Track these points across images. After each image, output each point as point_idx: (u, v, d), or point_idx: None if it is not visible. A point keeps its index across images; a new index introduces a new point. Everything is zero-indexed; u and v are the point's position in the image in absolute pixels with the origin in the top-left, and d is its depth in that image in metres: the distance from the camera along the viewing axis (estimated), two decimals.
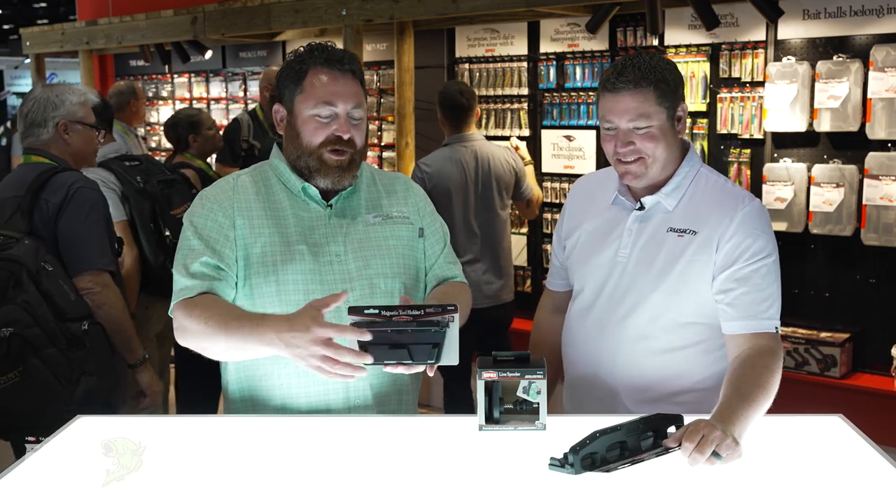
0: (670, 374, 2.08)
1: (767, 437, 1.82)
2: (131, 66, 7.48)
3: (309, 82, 2.00)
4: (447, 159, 4.00)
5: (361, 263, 2.04)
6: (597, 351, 2.13)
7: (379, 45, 5.66)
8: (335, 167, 2.01)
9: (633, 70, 2.00)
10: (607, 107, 2.03)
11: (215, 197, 2.06)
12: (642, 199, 2.10)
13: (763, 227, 2.04)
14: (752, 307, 2.00)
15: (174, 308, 1.97)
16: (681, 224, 2.06)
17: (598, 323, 2.13)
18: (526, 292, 5.00)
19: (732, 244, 2.01)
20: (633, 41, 4.48)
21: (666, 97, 2.01)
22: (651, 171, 2.05)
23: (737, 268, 2.00)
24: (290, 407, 2.02)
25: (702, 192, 2.09)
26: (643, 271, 2.07)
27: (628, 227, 2.11)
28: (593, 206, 2.21)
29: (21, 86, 18.47)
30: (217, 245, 2.00)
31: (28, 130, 2.86)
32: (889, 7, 3.71)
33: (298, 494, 1.61)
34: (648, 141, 2.01)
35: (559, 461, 1.65)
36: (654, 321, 2.06)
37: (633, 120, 2.00)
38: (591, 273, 2.16)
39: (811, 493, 1.61)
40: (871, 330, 3.93)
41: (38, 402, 2.46)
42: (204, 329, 1.87)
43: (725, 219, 2.02)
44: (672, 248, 2.05)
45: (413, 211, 2.16)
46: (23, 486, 1.65)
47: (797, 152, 4.00)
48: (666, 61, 2.07)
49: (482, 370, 1.85)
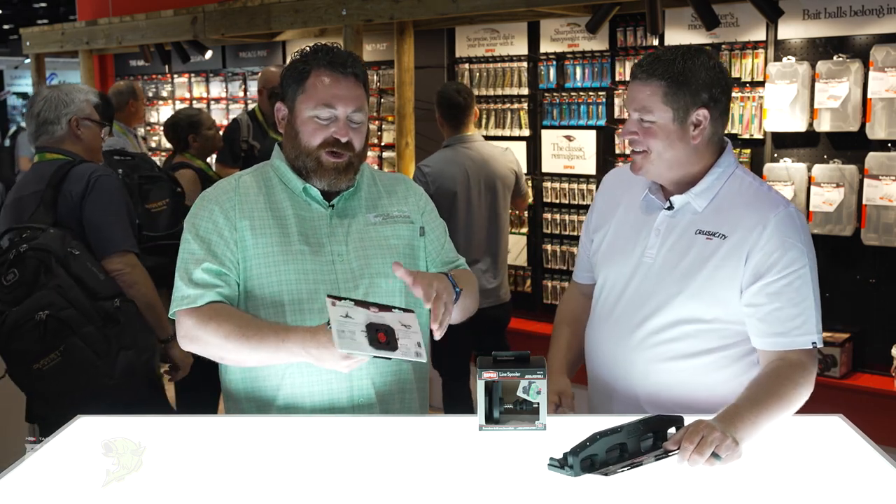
0: (692, 380, 2.01)
1: (767, 437, 1.82)
2: (131, 66, 7.48)
3: (311, 83, 2.01)
4: (448, 161, 4.00)
5: (363, 263, 2.04)
6: (618, 352, 2.08)
7: (379, 45, 5.66)
8: (332, 169, 2.01)
9: (653, 62, 1.96)
10: (627, 91, 2.02)
11: (216, 198, 2.07)
12: (671, 199, 2.04)
13: (797, 235, 1.94)
14: (784, 323, 1.92)
15: (179, 314, 2.01)
16: (710, 227, 1.99)
17: (619, 323, 2.08)
18: (526, 292, 5.00)
19: (763, 254, 1.92)
20: (634, 41, 4.48)
21: (677, 97, 1.94)
22: (654, 168, 2.00)
23: (768, 280, 1.92)
24: (294, 406, 2.03)
25: (735, 194, 2.00)
26: (668, 273, 2.01)
27: (656, 227, 2.05)
28: (623, 201, 2.16)
29: (21, 86, 18.46)
30: (217, 248, 2.01)
31: (41, 129, 2.96)
32: (889, 7, 3.71)
33: (298, 494, 1.61)
34: (649, 136, 1.97)
35: (558, 462, 1.65)
36: (676, 325, 2.00)
37: (638, 111, 1.98)
38: (616, 271, 2.11)
39: (811, 492, 1.61)
40: (871, 330, 3.93)
41: (80, 380, 2.57)
42: (223, 342, 1.94)
43: (758, 225, 1.93)
44: (700, 251, 1.98)
45: (414, 210, 2.17)
46: (23, 486, 1.65)
47: (797, 152, 4.00)
48: (705, 62, 1.96)
49: (482, 370, 1.85)
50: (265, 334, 1.92)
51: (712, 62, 1.97)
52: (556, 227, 4.87)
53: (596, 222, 2.22)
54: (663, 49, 2.00)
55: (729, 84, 2.02)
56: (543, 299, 4.96)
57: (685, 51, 1.97)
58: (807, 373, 1.92)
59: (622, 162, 4.56)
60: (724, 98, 1.99)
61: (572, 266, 4.79)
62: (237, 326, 1.94)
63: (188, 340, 2.01)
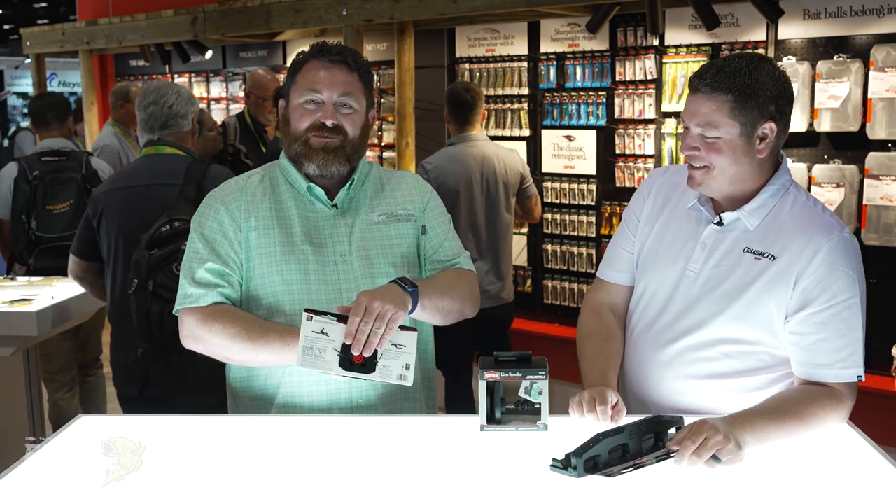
0: (727, 400, 1.92)
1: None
2: (131, 66, 7.47)
3: (302, 73, 2.05)
4: (452, 159, 4.01)
5: (365, 263, 2.04)
6: (653, 365, 2.02)
7: (379, 45, 5.66)
8: (320, 149, 2.02)
9: (717, 73, 1.86)
10: (686, 105, 1.93)
11: (222, 198, 2.08)
12: (722, 215, 1.95)
13: (850, 263, 1.87)
14: (830, 355, 1.85)
15: (182, 313, 2.03)
16: (759, 246, 1.91)
17: (657, 336, 2.02)
18: (526, 292, 5.00)
19: (813, 280, 1.85)
20: (634, 41, 4.48)
21: (745, 111, 1.84)
22: (716, 183, 1.91)
23: (816, 309, 1.85)
24: (294, 407, 2.03)
25: (787, 213, 1.92)
26: (711, 290, 1.93)
27: (702, 241, 1.97)
28: (671, 203, 2.07)
29: (21, 86, 18.49)
30: (221, 248, 2.02)
31: (171, 121, 3.00)
32: (889, 7, 3.71)
33: (298, 494, 1.61)
34: (713, 151, 1.87)
35: (561, 463, 1.65)
36: (716, 344, 1.93)
37: (702, 126, 1.87)
38: (657, 281, 2.03)
39: (811, 492, 1.61)
40: (871, 330, 3.88)
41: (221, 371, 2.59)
42: (229, 343, 1.96)
43: (809, 249, 1.85)
44: (747, 270, 1.90)
45: (418, 207, 2.16)
46: (23, 486, 1.65)
47: (797, 152, 4.00)
48: (770, 71, 1.87)
49: (484, 370, 1.85)
50: (270, 336, 1.94)
51: (777, 72, 1.88)
52: (557, 227, 4.87)
53: (644, 218, 2.11)
54: (724, 59, 1.90)
55: (792, 94, 1.92)
56: (543, 299, 4.96)
57: (749, 60, 1.87)
58: (839, 403, 1.85)
59: (622, 162, 4.57)
60: (788, 109, 1.90)
61: (572, 266, 4.82)
62: (242, 328, 1.95)
63: (192, 340, 2.02)
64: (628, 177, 4.56)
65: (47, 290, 3.49)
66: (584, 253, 4.77)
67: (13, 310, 3.22)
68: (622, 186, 4.59)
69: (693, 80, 1.90)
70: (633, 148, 4.51)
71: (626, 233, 2.16)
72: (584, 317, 2.18)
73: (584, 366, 2.06)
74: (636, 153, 4.51)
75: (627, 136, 4.53)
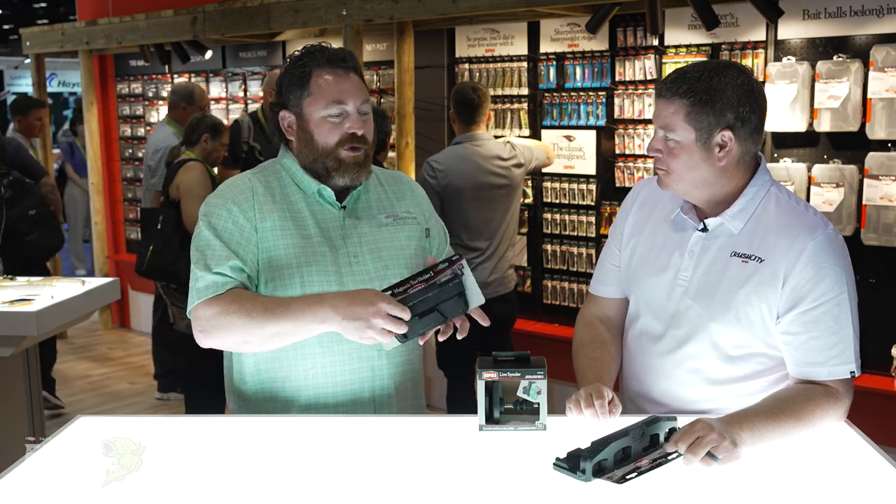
0: (729, 404, 1.91)
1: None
2: (131, 66, 7.47)
3: (315, 84, 2.01)
4: (458, 157, 4.04)
5: (380, 265, 2.05)
6: (655, 375, 2.03)
7: (379, 45, 5.66)
8: (353, 164, 2.02)
9: (678, 78, 1.87)
10: (654, 108, 1.95)
11: (234, 198, 2.04)
12: (706, 221, 1.96)
13: (836, 260, 1.86)
14: (822, 353, 1.86)
15: (199, 306, 1.95)
16: (746, 249, 1.91)
17: (655, 349, 2.03)
18: (526, 292, 5.00)
19: (800, 279, 1.85)
20: (634, 41, 4.47)
21: (701, 117, 1.84)
22: (677, 186, 1.93)
23: (805, 309, 1.85)
24: (318, 403, 2.03)
25: (771, 214, 1.92)
26: (703, 298, 1.94)
27: (690, 249, 1.98)
28: (656, 213, 2.08)
29: (21, 86, 18.48)
30: (240, 249, 1.99)
31: None
32: (889, 7, 3.71)
33: (299, 494, 1.61)
34: (671, 156, 1.89)
35: (567, 465, 1.64)
36: (711, 350, 1.94)
37: (662, 128, 1.90)
38: (649, 294, 2.04)
39: (811, 492, 1.61)
40: (871, 330, 3.92)
41: None
42: (247, 321, 1.89)
43: (794, 249, 1.86)
44: (736, 274, 1.91)
45: (419, 211, 2.18)
46: (23, 486, 1.65)
47: (797, 152, 4.00)
48: (734, 79, 1.85)
49: (482, 370, 1.85)
50: (291, 306, 1.89)
51: (741, 79, 1.86)
52: (556, 227, 4.87)
53: (628, 232, 2.12)
54: (691, 65, 1.91)
55: (761, 101, 1.89)
56: (543, 299, 4.96)
57: (713, 67, 1.88)
58: (836, 401, 1.86)
59: (622, 162, 4.57)
60: (754, 116, 1.87)
61: (572, 266, 4.82)
62: (262, 305, 1.90)
63: (206, 334, 1.95)
64: (628, 177, 4.56)
65: (47, 290, 3.49)
66: (584, 253, 4.78)
67: (13, 310, 3.22)
68: (622, 186, 4.59)
69: (658, 83, 1.92)
70: (633, 148, 4.51)
71: (611, 248, 2.19)
72: (579, 330, 2.20)
73: (580, 374, 2.08)
74: (636, 153, 4.51)
75: (627, 136, 4.53)
